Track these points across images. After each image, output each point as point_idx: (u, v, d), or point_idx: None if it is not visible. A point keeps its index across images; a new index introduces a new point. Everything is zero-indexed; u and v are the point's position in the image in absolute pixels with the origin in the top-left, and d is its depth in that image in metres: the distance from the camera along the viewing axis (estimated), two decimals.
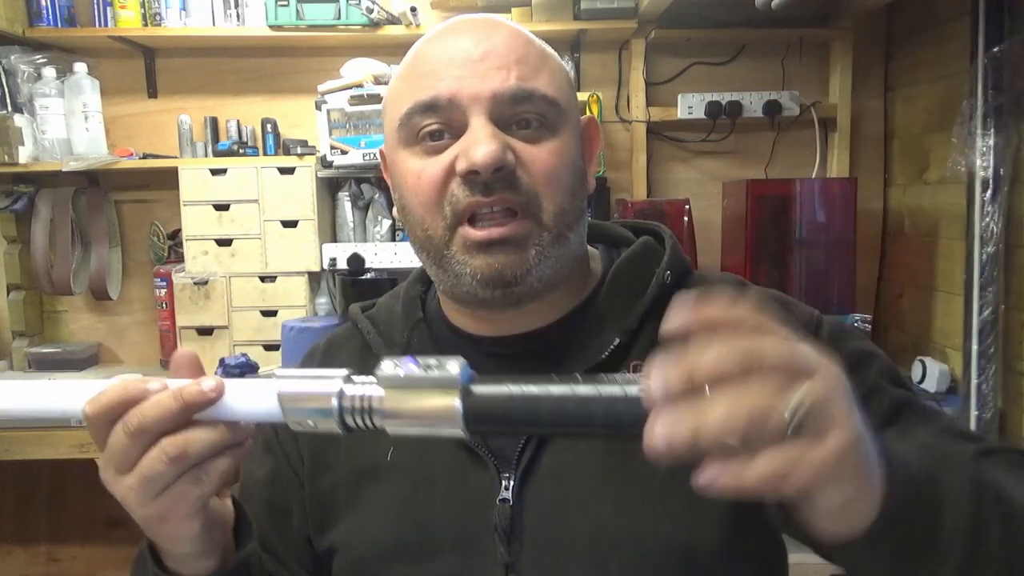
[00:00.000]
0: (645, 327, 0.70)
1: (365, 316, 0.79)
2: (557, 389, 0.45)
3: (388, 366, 0.48)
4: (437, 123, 0.66)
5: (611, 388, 0.44)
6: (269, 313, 2.27)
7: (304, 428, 0.50)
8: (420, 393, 0.47)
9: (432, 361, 0.47)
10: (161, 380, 0.52)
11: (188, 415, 0.50)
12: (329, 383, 0.50)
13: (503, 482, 0.67)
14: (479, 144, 0.62)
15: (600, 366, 0.68)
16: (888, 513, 0.43)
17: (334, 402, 0.49)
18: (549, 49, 0.72)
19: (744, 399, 0.38)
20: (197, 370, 0.54)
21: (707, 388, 0.38)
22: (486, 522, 0.66)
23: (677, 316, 0.40)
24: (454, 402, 0.46)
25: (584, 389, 0.45)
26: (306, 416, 0.50)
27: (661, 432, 0.39)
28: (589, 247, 0.77)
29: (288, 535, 0.76)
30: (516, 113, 0.65)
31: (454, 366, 0.47)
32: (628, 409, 0.43)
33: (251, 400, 0.51)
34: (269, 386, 0.51)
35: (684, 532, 0.64)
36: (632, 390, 0.43)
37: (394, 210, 0.73)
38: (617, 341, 0.69)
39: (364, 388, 0.49)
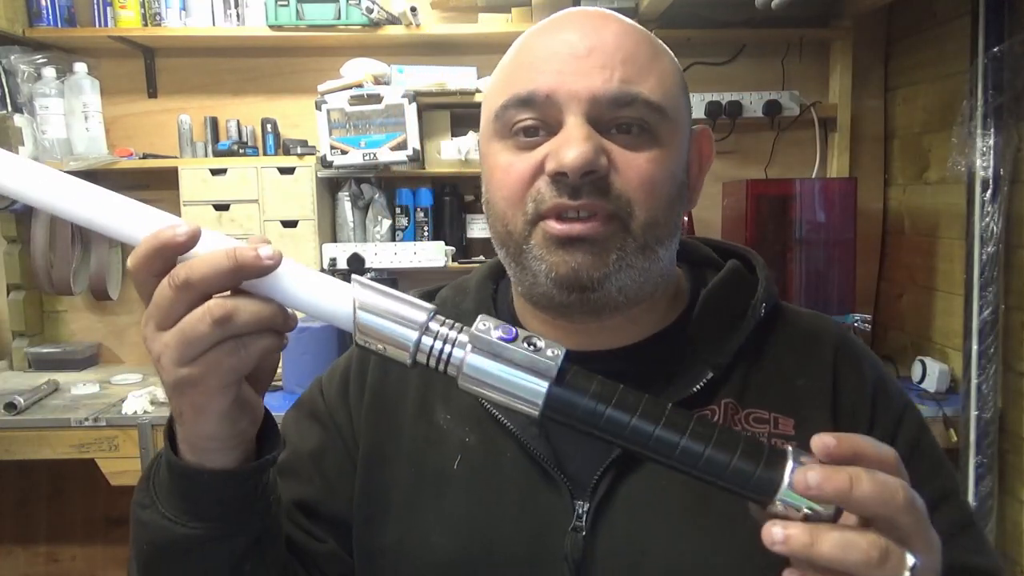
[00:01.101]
0: (738, 362, 0.68)
1: None
2: (658, 431, 0.46)
3: (485, 324, 0.48)
4: (532, 119, 0.62)
5: (723, 455, 0.45)
6: None
7: (366, 343, 0.49)
8: (507, 363, 0.47)
9: (535, 337, 0.48)
10: (195, 227, 0.49)
11: (239, 278, 0.48)
12: (417, 310, 0.49)
13: (576, 509, 0.64)
14: (571, 145, 0.59)
15: (690, 400, 0.64)
16: None
17: (415, 331, 0.48)
18: (664, 49, 0.67)
19: (884, 542, 0.42)
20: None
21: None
22: (556, 549, 0.63)
23: (827, 441, 0.43)
24: (541, 387, 0.46)
25: (693, 444, 0.46)
26: (378, 331, 0.48)
27: (781, 533, 0.43)
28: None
29: (329, 514, 0.72)
30: (616, 117, 0.62)
31: (556, 351, 0.47)
32: (740, 475, 0.45)
33: (314, 289, 0.49)
34: (342, 285, 0.49)
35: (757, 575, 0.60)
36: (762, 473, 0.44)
37: (482, 200, 0.70)
38: (710, 375, 0.65)
39: (452, 332, 0.48)
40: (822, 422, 0.56)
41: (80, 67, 2.28)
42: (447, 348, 0.48)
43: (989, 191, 1.77)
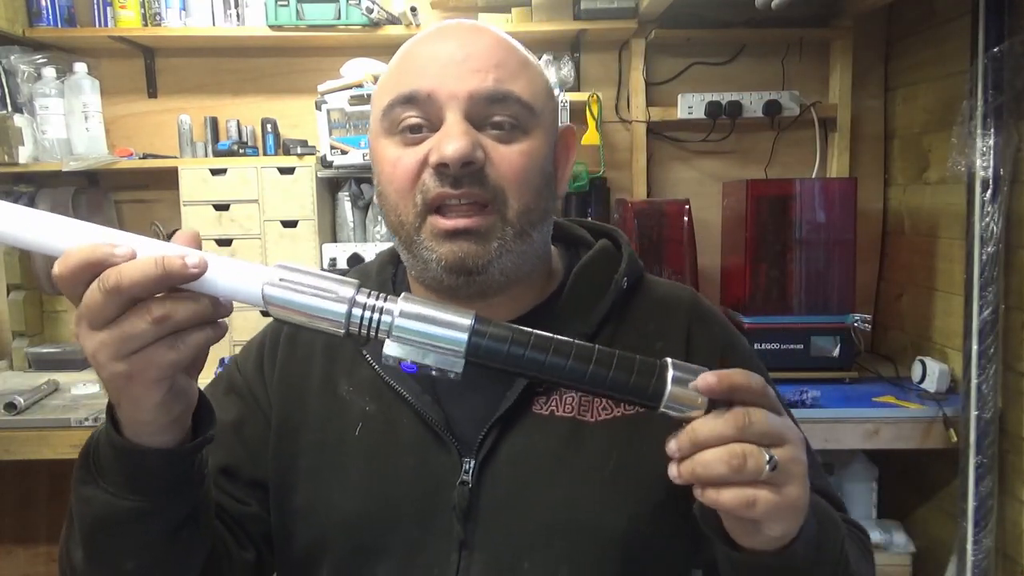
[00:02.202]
0: (603, 329, 0.77)
1: None
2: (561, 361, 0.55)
3: (410, 298, 0.54)
4: (416, 116, 0.70)
5: (621, 374, 0.55)
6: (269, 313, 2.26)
7: (293, 319, 0.53)
8: (434, 316, 0.54)
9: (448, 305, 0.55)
10: (133, 242, 0.52)
11: (166, 284, 0.51)
12: (344, 286, 0.53)
13: (464, 465, 0.72)
14: (451, 139, 0.67)
15: None
16: (790, 551, 0.58)
17: (344, 305, 0.53)
18: (532, 59, 0.76)
19: (739, 448, 0.52)
20: (195, 245, 0.55)
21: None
22: (445, 501, 0.71)
23: (709, 378, 0.54)
24: (463, 334, 0.53)
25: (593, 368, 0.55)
26: (306, 308, 0.53)
27: (674, 470, 0.54)
28: (551, 247, 0.82)
29: (251, 478, 0.78)
30: (491, 113, 0.69)
31: (467, 313, 0.55)
32: (640, 384, 0.54)
33: (239, 278, 0.53)
34: (256, 270, 0.53)
35: (625, 520, 0.71)
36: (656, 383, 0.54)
37: (374, 195, 0.77)
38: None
39: (380, 301, 0.54)
40: None
41: (80, 67, 2.28)
42: (375, 316, 0.53)
43: (989, 191, 1.77)
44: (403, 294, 0.55)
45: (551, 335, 0.55)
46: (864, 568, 0.71)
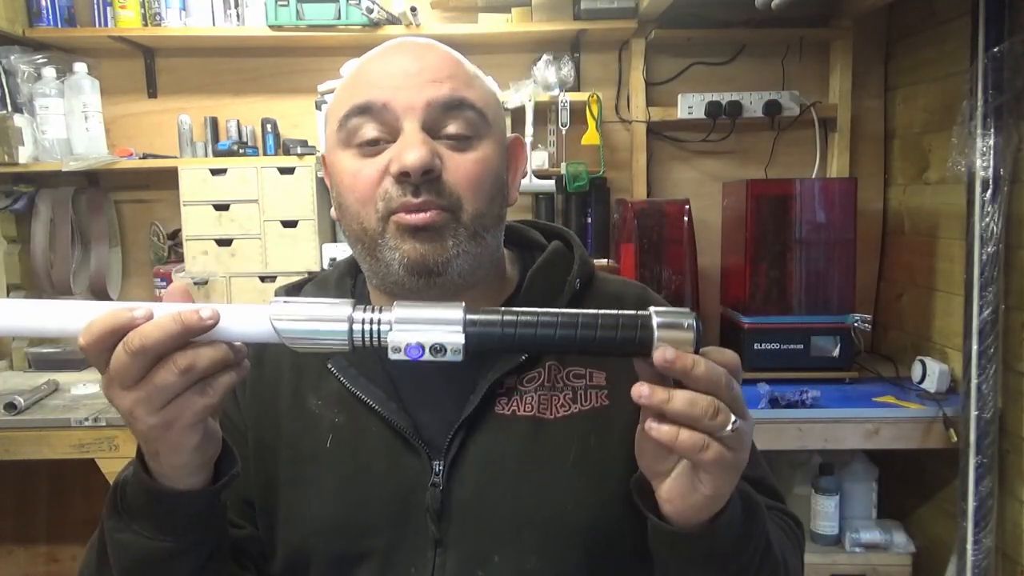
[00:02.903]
0: None
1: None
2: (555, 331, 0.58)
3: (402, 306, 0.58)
4: (374, 129, 0.72)
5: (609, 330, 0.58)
6: None
7: (305, 347, 0.58)
8: (427, 312, 0.57)
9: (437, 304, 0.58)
10: (147, 305, 0.56)
11: (186, 337, 0.55)
12: (338, 307, 0.58)
13: (434, 467, 0.75)
14: (411, 148, 0.69)
15: (520, 367, 0.76)
16: (714, 526, 0.62)
17: (344, 323, 0.57)
18: (480, 73, 0.80)
19: (716, 401, 0.57)
20: (187, 300, 0.59)
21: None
22: (419, 503, 0.74)
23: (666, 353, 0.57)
24: (457, 327, 0.57)
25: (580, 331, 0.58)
26: (312, 334, 0.57)
27: (648, 391, 0.57)
28: (504, 250, 0.84)
29: (240, 501, 0.80)
30: (446, 122, 0.72)
31: (456, 306, 0.58)
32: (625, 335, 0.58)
33: (246, 323, 0.58)
34: (262, 310, 0.58)
35: (589, 510, 0.74)
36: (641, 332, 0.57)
37: (331, 210, 0.80)
38: None
39: (374, 313, 0.58)
40: (628, 371, 0.63)
41: (80, 67, 2.28)
42: (375, 327, 0.57)
43: (989, 191, 1.77)
44: (396, 303, 0.58)
45: (536, 309, 0.59)
46: (790, 556, 0.75)
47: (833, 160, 2.42)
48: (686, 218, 2.16)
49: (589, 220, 2.39)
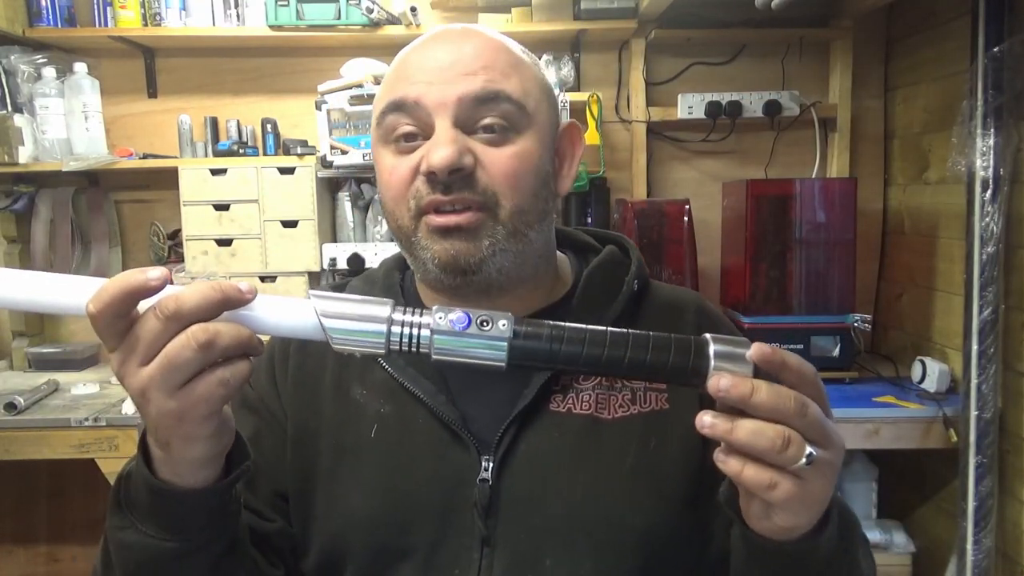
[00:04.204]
0: None
1: None
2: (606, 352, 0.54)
3: (442, 313, 0.54)
4: (409, 124, 0.71)
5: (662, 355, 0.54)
6: None
7: (343, 346, 0.54)
8: (468, 338, 0.54)
9: (483, 314, 0.54)
10: (160, 269, 0.52)
11: (223, 308, 0.52)
12: (379, 307, 0.54)
13: (483, 463, 0.72)
14: (438, 147, 0.68)
15: None
16: (811, 543, 0.57)
17: (383, 324, 0.54)
18: (527, 58, 0.76)
19: (786, 432, 0.51)
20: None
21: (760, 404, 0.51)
22: (466, 499, 0.71)
23: (764, 349, 0.52)
24: (502, 343, 0.54)
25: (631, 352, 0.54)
26: (350, 333, 0.54)
27: (710, 421, 0.51)
28: (559, 252, 0.83)
29: (272, 493, 0.78)
30: (481, 116, 0.70)
31: (504, 322, 0.54)
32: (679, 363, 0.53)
33: (283, 312, 0.54)
34: (306, 303, 0.54)
35: (646, 516, 0.71)
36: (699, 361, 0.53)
37: (374, 196, 0.79)
38: None
39: (415, 316, 0.54)
40: None
41: (80, 67, 2.28)
42: (415, 332, 0.54)
43: (989, 191, 1.77)
44: (435, 308, 0.54)
45: (584, 326, 0.55)
46: (869, 570, 0.72)
47: (833, 160, 2.42)
48: (686, 218, 2.16)
49: (589, 220, 2.39)
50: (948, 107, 2.03)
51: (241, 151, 2.34)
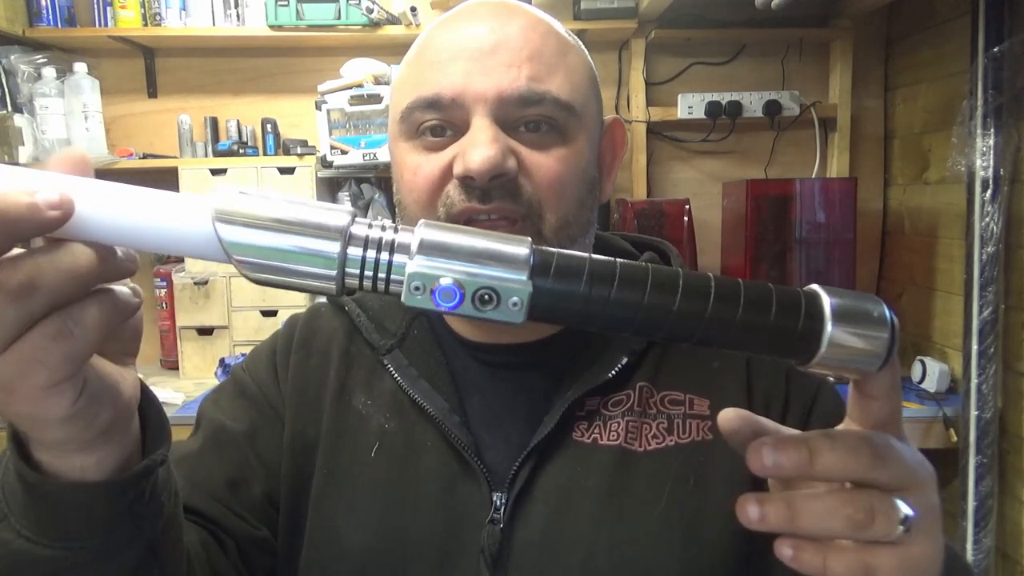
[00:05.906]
0: (652, 348, 0.68)
1: (352, 299, 0.73)
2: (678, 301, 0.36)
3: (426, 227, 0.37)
4: (438, 119, 0.61)
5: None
6: (269, 313, 2.27)
7: (257, 273, 0.35)
8: (472, 241, 0.36)
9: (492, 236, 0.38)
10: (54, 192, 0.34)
11: (12, 239, 0.33)
12: (328, 214, 0.35)
13: (495, 501, 0.62)
14: (478, 147, 0.58)
15: (605, 385, 0.65)
16: None
17: (333, 242, 0.34)
18: (572, 41, 0.67)
19: (866, 498, 0.39)
20: (80, 172, 0.37)
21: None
22: (471, 542, 0.62)
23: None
24: (522, 278, 0.35)
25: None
26: (271, 255, 0.34)
27: (756, 509, 0.39)
28: None
29: (265, 495, 0.67)
30: (524, 115, 0.60)
31: (521, 240, 0.37)
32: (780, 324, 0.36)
33: (159, 214, 0.35)
34: (199, 202, 0.35)
35: (678, 566, 0.60)
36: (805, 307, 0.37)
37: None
38: (625, 360, 0.66)
39: (385, 232, 0.36)
40: (737, 401, 0.56)
41: (80, 67, 2.28)
42: (383, 257, 0.36)
43: (989, 191, 1.77)
44: (421, 221, 0.37)
45: (642, 264, 0.38)
46: None
47: (833, 160, 2.42)
48: (686, 218, 2.16)
49: None
50: (948, 107, 2.03)
51: (241, 151, 2.34)
